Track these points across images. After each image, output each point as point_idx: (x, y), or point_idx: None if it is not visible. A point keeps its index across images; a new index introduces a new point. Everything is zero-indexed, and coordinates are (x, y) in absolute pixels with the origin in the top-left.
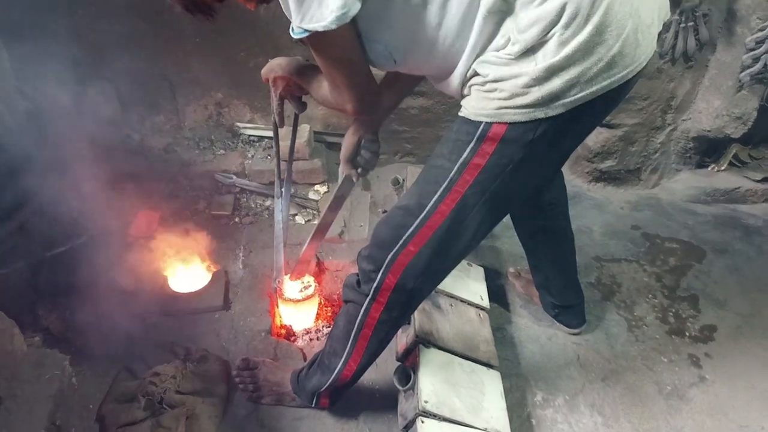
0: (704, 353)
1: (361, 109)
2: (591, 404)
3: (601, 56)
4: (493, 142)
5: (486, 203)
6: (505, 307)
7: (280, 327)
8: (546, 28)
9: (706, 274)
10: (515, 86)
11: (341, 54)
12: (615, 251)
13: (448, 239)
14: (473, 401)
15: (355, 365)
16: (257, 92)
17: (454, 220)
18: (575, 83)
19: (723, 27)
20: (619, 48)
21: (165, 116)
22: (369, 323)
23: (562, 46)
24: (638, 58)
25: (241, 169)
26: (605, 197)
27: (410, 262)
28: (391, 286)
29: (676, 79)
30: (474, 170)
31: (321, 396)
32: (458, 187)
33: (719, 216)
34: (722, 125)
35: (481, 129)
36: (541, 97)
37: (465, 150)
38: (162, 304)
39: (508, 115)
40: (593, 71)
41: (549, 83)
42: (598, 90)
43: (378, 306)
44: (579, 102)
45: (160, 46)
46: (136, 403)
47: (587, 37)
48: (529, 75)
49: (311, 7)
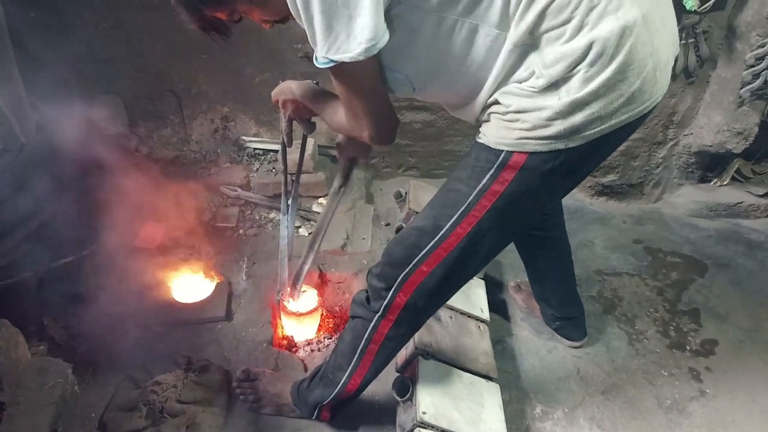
0: (705, 367)
1: (380, 138)
2: (590, 417)
3: (623, 93)
4: (513, 170)
5: (501, 228)
6: (506, 320)
7: (282, 338)
8: (572, 65)
9: (708, 288)
10: (538, 118)
11: (363, 84)
12: (617, 265)
13: (461, 261)
14: (472, 413)
15: (359, 379)
16: (263, 107)
17: (468, 243)
18: (597, 118)
19: (723, 43)
20: (639, 85)
21: (172, 129)
22: (377, 339)
23: (586, 83)
24: (655, 94)
25: (246, 182)
26: (607, 211)
27: (422, 282)
28: (401, 305)
29: (678, 95)
30: (492, 196)
31: (322, 409)
32: (475, 212)
33: (722, 230)
34: (723, 140)
35: (502, 158)
36: (564, 129)
37: (484, 177)
38: (165, 314)
39: (530, 145)
40: (614, 106)
41: (572, 117)
42: (616, 124)
43: (387, 323)
44: (598, 135)
45: (168, 61)
46: (138, 412)
47: (611, 75)
48: (552, 109)
49: (338, 38)
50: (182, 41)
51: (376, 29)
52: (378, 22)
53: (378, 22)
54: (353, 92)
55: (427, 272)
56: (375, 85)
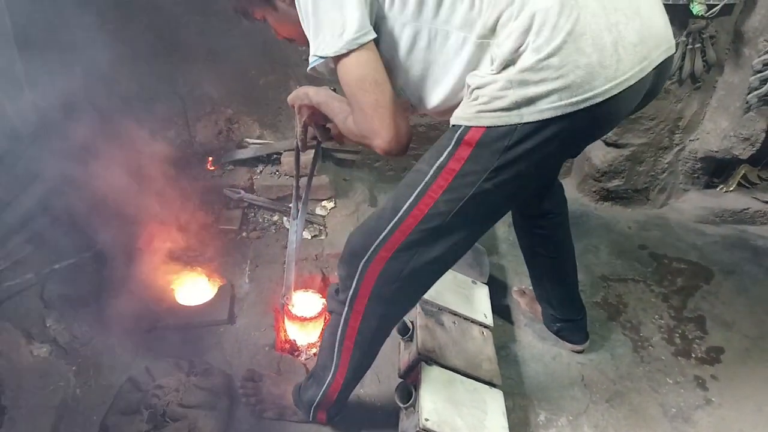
0: (711, 375)
1: (391, 142)
2: (595, 425)
3: (579, 64)
4: (468, 146)
5: (461, 212)
6: (510, 326)
7: (285, 342)
8: (519, 38)
9: (714, 295)
10: (493, 90)
11: (365, 73)
12: (622, 271)
13: (421, 246)
14: (475, 420)
15: (342, 378)
16: (267, 109)
17: (427, 225)
18: (552, 90)
19: (730, 48)
20: (597, 58)
21: (176, 131)
22: (349, 334)
23: (536, 52)
24: (622, 72)
25: (250, 185)
26: (612, 216)
27: (383, 269)
28: (366, 294)
29: (684, 100)
30: (448, 175)
31: (317, 410)
32: (432, 192)
33: (728, 237)
34: (730, 146)
35: (459, 132)
36: (516, 100)
37: (442, 154)
38: (168, 317)
39: (486, 118)
40: (571, 78)
41: (525, 87)
42: (578, 101)
43: (356, 316)
44: (558, 112)
45: (172, 63)
46: (139, 416)
47: (560, 43)
48: (505, 78)
49: (326, 37)
50: (186, 42)
51: (360, 24)
52: (362, 19)
53: (362, 19)
54: (356, 84)
55: (387, 258)
56: (377, 74)
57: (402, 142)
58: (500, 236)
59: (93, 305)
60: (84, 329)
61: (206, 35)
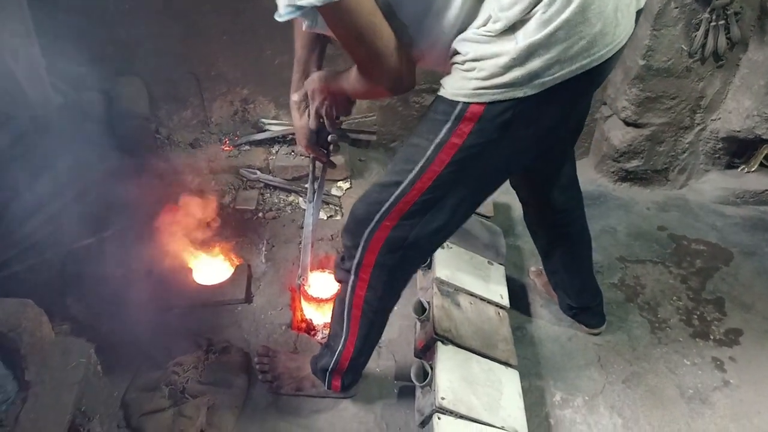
0: (729, 357)
1: (398, 80)
2: (611, 406)
3: (583, 35)
4: (470, 122)
5: (464, 183)
6: (526, 306)
7: (301, 321)
8: (529, 6)
9: (734, 276)
10: (495, 66)
11: (360, 21)
12: (640, 252)
13: (424, 216)
14: (490, 399)
15: (352, 346)
16: (282, 89)
17: (430, 197)
18: (556, 62)
19: (756, 25)
20: (600, 27)
21: (192, 112)
22: (357, 303)
23: (544, 24)
24: (618, 36)
25: (266, 165)
26: (631, 197)
27: (387, 238)
28: (371, 263)
29: (706, 79)
30: (451, 150)
31: (332, 377)
32: (435, 166)
33: (748, 218)
34: (753, 126)
35: (459, 109)
36: (521, 76)
37: (442, 130)
38: (186, 296)
39: (487, 95)
40: (574, 50)
41: (530, 63)
42: (577, 68)
43: (362, 284)
44: (558, 80)
45: (188, 43)
46: (159, 392)
47: (570, 15)
48: (509, 54)
49: None
50: (201, 23)
51: None
52: None
53: None
54: (352, 35)
55: (391, 227)
56: (373, 17)
57: (410, 77)
58: (516, 217)
59: (112, 284)
60: (103, 307)
61: (221, 15)
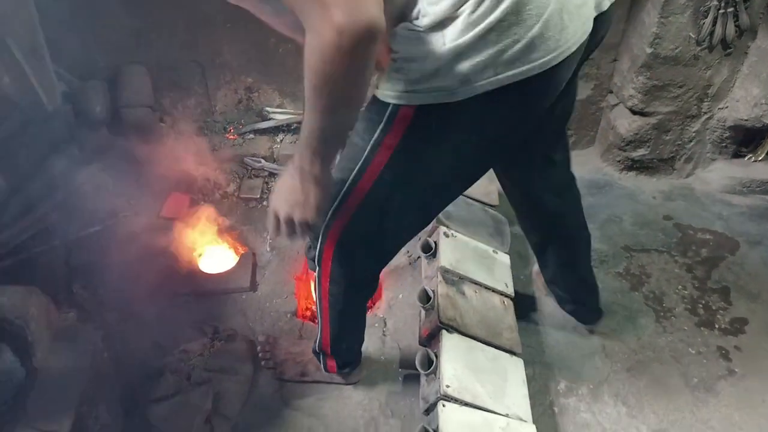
0: (734, 346)
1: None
2: (615, 394)
3: (519, 37)
4: (402, 124)
5: (409, 185)
6: (531, 295)
7: (306, 309)
8: (457, 4)
9: (740, 266)
10: (422, 68)
11: None
12: (645, 241)
13: (373, 215)
14: (495, 387)
15: (327, 334)
16: (287, 78)
17: (375, 197)
18: (488, 65)
19: (765, 13)
20: (539, 30)
21: (196, 100)
22: (323, 294)
23: (472, 25)
24: (565, 42)
25: (270, 154)
26: (637, 186)
27: (341, 234)
28: (329, 257)
29: (714, 67)
30: (387, 151)
31: (326, 358)
32: (373, 167)
33: (755, 207)
34: (761, 114)
35: (390, 110)
36: (450, 79)
37: (376, 130)
38: (191, 284)
39: (416, 98)
40: (509, 54)
41: (458, 66)
42: (517, 74)
43: (326, 277)
44: (495, 85)
45: (192, 31)
46: (165, 380)
47: (501, 15)
48: (436, 56)
49: None
50: (206, 11)
51: None
52: None
53: None
54: None
55: (342, 225)
56: None
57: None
58: None
59: (118, 272)
60: (109, 295)
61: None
